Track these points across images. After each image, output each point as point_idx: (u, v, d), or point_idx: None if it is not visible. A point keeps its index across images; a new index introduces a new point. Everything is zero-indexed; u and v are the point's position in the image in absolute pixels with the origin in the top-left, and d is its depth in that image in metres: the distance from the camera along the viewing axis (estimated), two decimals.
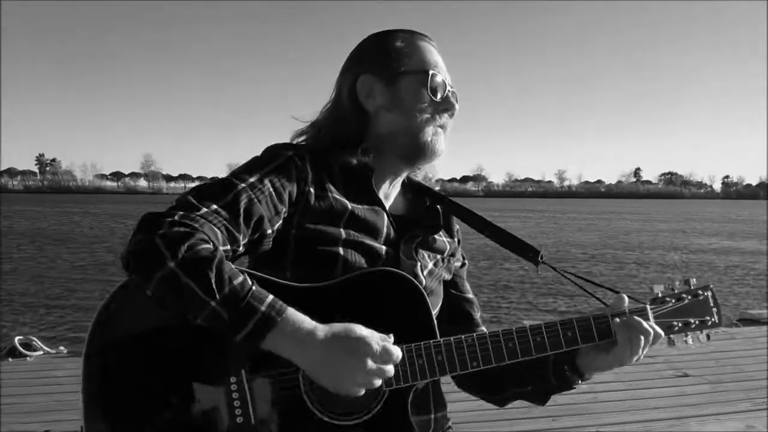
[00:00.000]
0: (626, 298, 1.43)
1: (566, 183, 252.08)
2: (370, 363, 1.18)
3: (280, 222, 1.33)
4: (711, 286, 1.49)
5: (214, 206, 1.23)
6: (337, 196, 1.40)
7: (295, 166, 1.37)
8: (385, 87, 1.44)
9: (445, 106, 1.46)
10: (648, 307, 1.44)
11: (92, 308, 1.28)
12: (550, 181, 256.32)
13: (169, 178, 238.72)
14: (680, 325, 1.45)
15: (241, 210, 1.25)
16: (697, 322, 1.46)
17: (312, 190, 1.37)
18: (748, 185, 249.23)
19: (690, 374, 4.72)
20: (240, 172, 1.33)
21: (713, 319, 1.47)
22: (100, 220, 41.57)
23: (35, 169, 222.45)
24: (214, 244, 1.18)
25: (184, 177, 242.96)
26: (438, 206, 1.59)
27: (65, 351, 5.54)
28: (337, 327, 1.20)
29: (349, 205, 1.40)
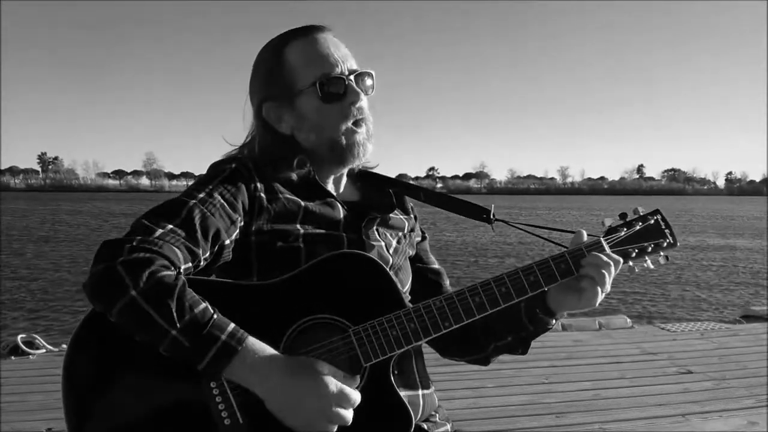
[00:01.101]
0: (584, 233, 1.47)
1: (569, 180, 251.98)
2: (326, 405, 1.18)
3: (237, 231, 1.35)
4: (660, 209, 1.52)
5: (170, 226, 1.25)
6: (289, 196, 1.43)
7: (241, 175, 1.39)
8: (288, 110, 1.47)
9: (350, 100, 1.45)
10: (602, 239, 1.46)
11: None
12: (552, 178, 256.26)
13: (171, 176, 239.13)
14: (637, 251, 1.47)
15: (197, 225, 1.27)
16: (652, 245, 1.49)
17: (263, 194, 1.40)
18: (752, 181, 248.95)
19: (693, 371, 4.70)
20: (189, 191, 1.35)
21: (668, 240, 1.50)
22: (104, 219, 41.64)
23: (37, 167, 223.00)
24: (175, 266, 1.19)
25: (186, 175, 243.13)
26: (388, 188, 1.63)
27: None
28: (298, 362, 1.21)
29: (302, 203, 1.43)
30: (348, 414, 1.21)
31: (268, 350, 1.20)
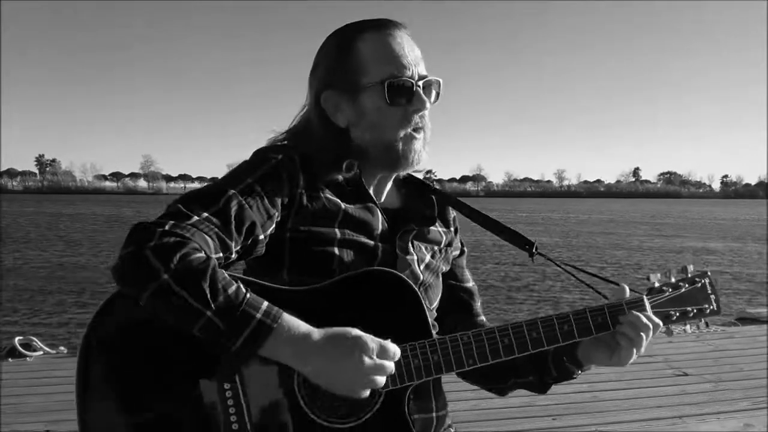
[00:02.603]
0: (627, 289, 1.42)
1: (565, 183, 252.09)
2: (368, 361, 1.18)
3: (273, 226, 1.32)
4: (708, 272, 1.47)
5: (205, 214, 1.22)
6: (330, 196, 1.38)
7: (285, 169, 1.34)
8: (348, 102, 1.40)
9: (414, 107, 1.39)
10: (645, 298, 1.42)
11: (94, 309, 1.27)
12: (549, 181, 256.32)
13: (168, 179, 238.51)
14: (678, 314, 1.43)
15: (233, 216, 1.24)
16: (694, 311, 1.43)
17: (304, 191, 1.35)
18: (747, 185, 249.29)
19: (689, 373, 4.72)
20: (230, 178, 1.31)
21: (711, 307, 1.44)
22: (101, 221, 41.55)
23: (35, 169, 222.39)
24: (206, 253, 1.17)
25: (183, 177, 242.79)
26: (432, 196, 1.57)
27: (65, 351, 5.53)
28: (333, 330, 1.20)
29: (342, 205, 1.39)
30: (391, 366, 1.21)
31: (303, 325, 1.18)
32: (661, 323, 1.40)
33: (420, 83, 1.40)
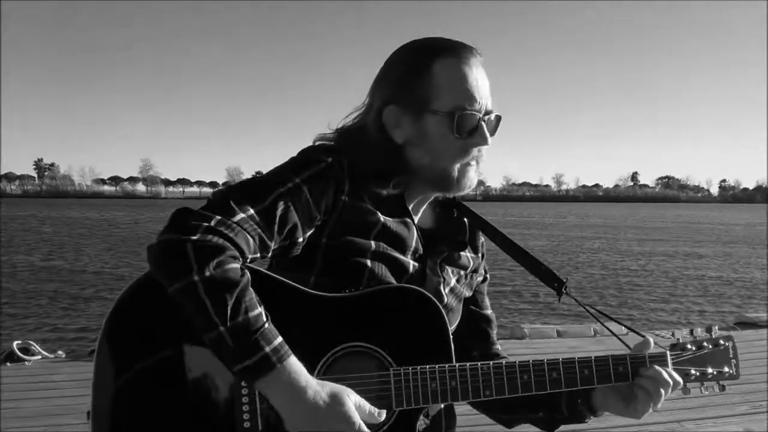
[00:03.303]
0: (652, 342, 1.43)
1: (564, 187, 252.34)
2: None
3: (312, 230, 1.32)
4: (733, 336, 1.47)
5: (251, 211, 1.22)
6: (371, 207, 1.38)
7: (333, 173, 1.34)
8: (411, 121, 1.38)
9: (476, 141, 1.39)
10: (668, 353, 1.43)
11: (92, 313, 1.27)
12: (547, 185, 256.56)
13: (167, 183, 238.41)
14: (697, 374, 1.43)
15: (277, 217, 1.24)
16: (714, 373, 1.44)
17: (347, 199, 1.35)
18: (745, 189, 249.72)
19: None
20: (279, 174, 1.31)
21: (731, 371, 1.45)
22: (99, 226, 41.50)
23: (33, 173, 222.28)
24: (244, 256, 1.18)
25: (182, 181, 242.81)
26: (465, 219, 1.57)
27: (64, 355, 5.53)
28: (329, 390, 1.19)
29: (381, 218, 1.38)
30: None
31: (304, 376, 1.18)
32: (681, 381, 1.39)
33: (485, 119, 1.40)
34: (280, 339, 1.17)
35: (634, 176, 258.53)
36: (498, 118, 1.43)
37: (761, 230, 41.05)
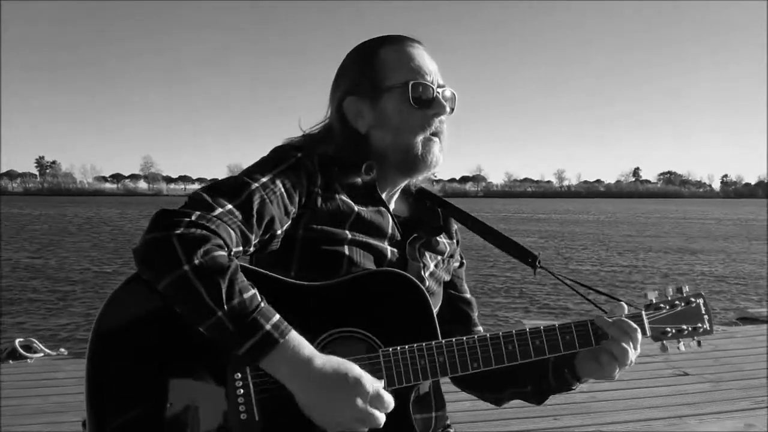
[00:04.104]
0: (626, 307, 1.46)
1: (565, 183, 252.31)
2: (361, 406, 1.18)
3: (289, 223, 1.35)
4: (703, 294, 1.54)
5: (229, 206, 1.24)
6: (344, 198, 1.41)
7: (305, 167, 1.38)
8: (370, 107, 1.44)
9: (434, 111, 1.44)
10: (643, 313, 1.48)
11: (94, 310, 1.27)
12: (549, 181, 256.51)
13: (169, 180, 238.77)
14: (673, 331, 1.49)
15: (255, 210, 1.27)
16: (689, 329, 1.50)
17: (320, 191, 1.39)
18: (747, 184, 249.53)
19: (689, 373, 4.73)
20: (252, 172, 1.34)
21: (704, 327, 1.52)
22: (100, 223, 41.56)
23: (35, 171, 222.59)
24: (228, 247, 1.19)
25: (184, 179, 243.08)
26: (438, 209, 1.61)
27: (66, 353, 5.54)
28: (334, 361, 1.20)
29: (356, 207, 1.42)
30: (381, 416, 1.21)
31: (308, 347, 1.19)
32: (637, 329, 1.42)
33: (440, 90, 1.45)
34: (278, 316, 1.18)
35: (635, 172, 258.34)
36: (454, 96, 1.49)
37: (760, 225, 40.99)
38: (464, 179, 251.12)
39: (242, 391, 1.23)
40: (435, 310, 1.50)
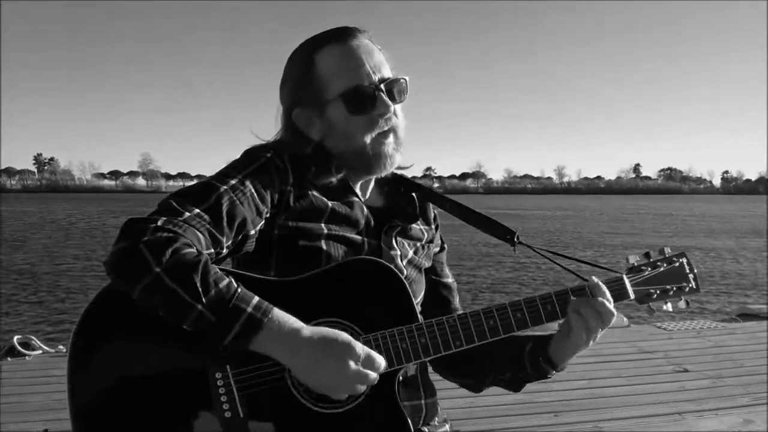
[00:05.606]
0: (596, 280, 1.43)
1: (565, 179, 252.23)
2: (353, 367, 1.19)
3: (263, 222, 1.35)
4: (685, 252, 1.50)
5: (197, 210, 1.24)
6: (317, 194, 1.42)
7: (275, 166, 1.39)
8: (318, 116, 1.46)
9: (379, 112, 1.43)
10: (624, 276, 1.45)
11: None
12: (549, 178, 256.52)
13: (167, 177, 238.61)
14: (658, 292, 1.46)
15: (224, 212, 1.26)
16: (674, 289, 1.47)
17: (292, 189, 1.39)
18: (748, 180, 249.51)
19: (689, 369, 4.71)
20: (221, 175, 1.34)
21: (690, 285, 1.48)
22: (102, 219, 41.56)
23: (33, 168, 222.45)
24: (197, 249, 1.19)
25: (182, 175, 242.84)
26: (413, 194, 1.61)
27: (64, 350, 5.52)
28: (324, 330, 1.21)
29: (330, 203, 1.42)
30: (374, 375, 1.22)
31: (293, 320, 1.20)
32: (612, 310, 1.39)
33: (382, 87, 1.43)
34: (257, 298, 1.18)
35: (636, 168, 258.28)
36: (403, 82, 1.47)
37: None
38: (464, 176, 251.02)
39: (224, 389, 1.23)
40: (419, 297, 1.53)
